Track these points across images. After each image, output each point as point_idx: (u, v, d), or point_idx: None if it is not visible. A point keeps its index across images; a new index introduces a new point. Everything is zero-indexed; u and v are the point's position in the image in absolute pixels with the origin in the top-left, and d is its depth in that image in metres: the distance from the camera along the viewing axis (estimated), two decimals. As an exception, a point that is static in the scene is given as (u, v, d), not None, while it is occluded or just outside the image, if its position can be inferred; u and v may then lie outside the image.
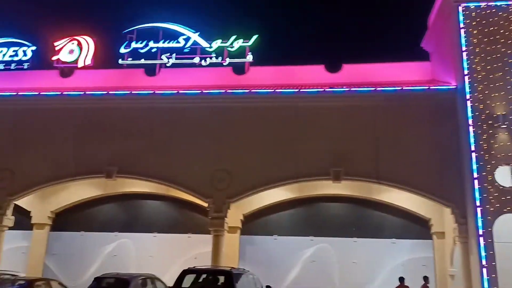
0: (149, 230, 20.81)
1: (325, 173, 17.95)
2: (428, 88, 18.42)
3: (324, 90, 18.81)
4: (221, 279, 13.62)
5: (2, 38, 23.13)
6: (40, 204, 20.77)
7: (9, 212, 19.15)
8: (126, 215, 21.41)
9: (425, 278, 16.87)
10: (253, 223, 20.40)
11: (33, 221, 20.89)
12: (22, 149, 19.57)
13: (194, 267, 14.48)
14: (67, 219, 21.31)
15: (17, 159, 19.42)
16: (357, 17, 35.68)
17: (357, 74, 20.22)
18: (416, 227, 19.58)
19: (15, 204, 19.42)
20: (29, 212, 20.79)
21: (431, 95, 18.26)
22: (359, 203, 20.07)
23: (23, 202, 19.97)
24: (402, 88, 18.46)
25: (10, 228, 19.33)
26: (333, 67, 20.75)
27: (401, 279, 16.57)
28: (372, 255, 19.33)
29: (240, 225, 20.12)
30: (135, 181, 19.79)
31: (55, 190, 20.28)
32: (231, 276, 13.33)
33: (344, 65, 20.70)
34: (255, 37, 21.83)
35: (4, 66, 22.59)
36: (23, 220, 20.33)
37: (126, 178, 19.57)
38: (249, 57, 21.58)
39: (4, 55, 22.76)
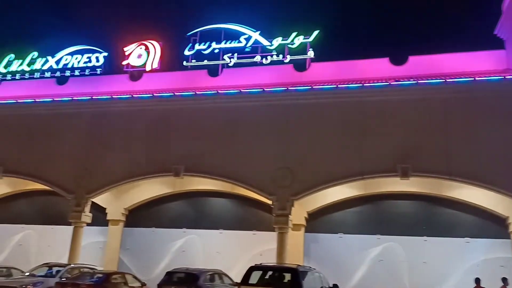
0: (215, 227, 21.31)
1: (392, 170, 17.42)
2: (503, 78, 17.26)
3: (390, 84, 18.25)
4: (287, 276, 13.64)
5: (77, 46, 24.77)
6: (115, 202, 21.94)
7: (87, 209, 20.47)
8: (193, 212, 22.08)
9: (504, 280, 15.84)
10: (318, 221, 20.24)
11: (108, 217, 22.13)
12: (97, 150, 20.84)
13: (260, 264, 14.64)
14: (139, 216, 22.38)
15: (93, 159, 20.72)
16: (421, 6, 34.19)
17: (423, 66, 19.47)
18: (492, 225, 18.42)
19: (92, 201, 20.73)
20: (105, 209, 22.05)
21: (507, 85, 17.11)
22: (428, 200, 19.26)
23: (99, 199, 21.24)
24: (474, 79, 17.44)
25: (88, 224, 20.69)
26: (398, 60, 20.12)
27: (477, 280, 15.68)
28: (444, 255, 18.46)
29: (304, 222, 20.05)
30: (201, 179, 20.34)
31: (128, 188, 21.33)
32: (297, 274, 13.32)
33: (410, 57, 19.97)
34: (316, 32, 21.65)
35: (79, 72, 24.17)
36: (99, 217, 21.62)
37: (192, 176, 20.17)
38: (310, 53, 21.44)
39: (79, 62, 24.37)
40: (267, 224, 19.24)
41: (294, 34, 21.77)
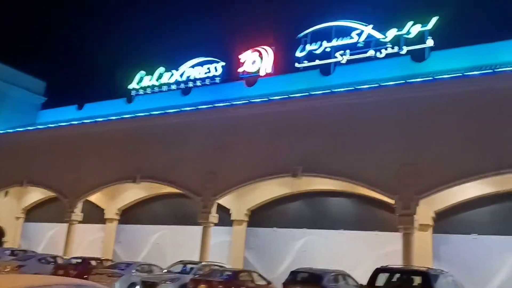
0: (336, 227, 21.07)
1: (533, 163, 15.48)
2: None
3: (528, 66, 16.28)
4: (417, 279, 12.95)
5: (198, 58, 26.61)
6: (238, 202, 22.98)
7: (214, 210, 21.78)
8: (313, 212, 22.13)
9: None
10: (447, 221, 18.84)
11: (232, 217, 23.25)
12: (221, 153, 22.06)
13: (387, 265, 14.10)
14: (261, 216, 23.12)
15: (218, 163, 21.99)
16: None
17: None
18: None
19: (217, 203, 21.99)
20: (229, 209, 23.23)
21: None
22: None
23: (224, 201, 22.45)
24: None
25: (215, 225, 21.98)
26: (535, 39, 17.82)
27: None
28: None
29: (431, 222, 18.82)
30: (320, 179, 20.32)
31: (249, 189, 22.16)
32: (429, 277, 12.56)
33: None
34: (434, 19, 20.24)
35: (201, 82, 25.92)
36: (225, 217, 22.82)
37: (311, 177, 20.24)
38: (429, 42, 20.10)
39: (199, 73, 26.14)
40: (391, 224, 18.42)
41: (410, 23, 20.64)
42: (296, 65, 23.18)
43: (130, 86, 27.89)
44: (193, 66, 26.48)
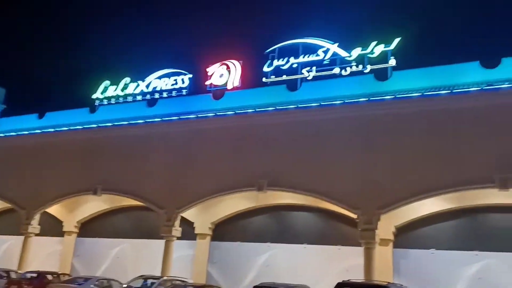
0: (299, 241, 21.17)
1: (489, 180, 16.16)
2: None
3: (482, 88, 17.07)
4: (377, 293, 13.15)
5: (165, 70, 26.36)
6: (202, 216, 22.75)
7: (177, 223, 21.47)
8: (277, 226, 22.17)
9: None
10: (407, 236, 19.29)
11: (196, 231, 22.98)
12: (186, 166, 21.85)
13: (348, 280, 14.27)
14: (225, 230, 22.96)
15: (184, 175, 21.70)
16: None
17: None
18: None
19: (181, 216, 21.69)
20: (193, 223, 22.94)
21: None
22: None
23: (188, 214, 22.17)
24: None
25: (178, 238, 21.65)
26: (489, 62, 18.72)
27: None
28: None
29: (392, 237, 19.22)
30: (284, 193, 20.43)
31: (214, 202, 22.01)
32: (388, 291, 12.78)
33: (503, 58, 18.52)
34: (397, 40, 20.95)
35: (167, 94, 25.68)
36: (188, 231, 22.53)
37: (276, 191, 20.32)
38: (392, 62, 20.76)
39: (166, 84, 25.91)
40: (353, 239, 18.72)
41: (373, 43, 21.25)
42: (264, 79, 23.37)
43: (94, 96, 27.29)
44: (159, 77, 26.23)
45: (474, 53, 20.02)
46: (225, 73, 24.49)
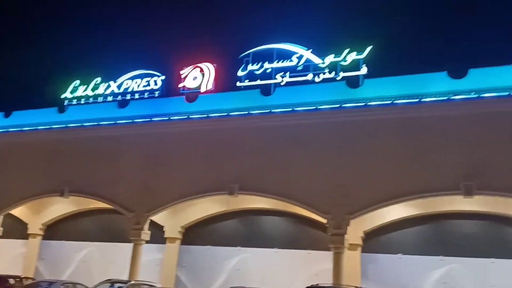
0: (270, 246, 21.21)
1: (455, 188, 16.66)
2: None
3: (449, 98, 17.60)
4: (345, 298, 13.31)
5: (137, 71, 25.99)
6: (172, 219, 22.50)
7: (146, 227, 21.15)
8: (248, 231, 22.15)
9: None
10: (375, 241, 19.64)
11: (166, 235, 22.70)
12: (156, 169, 21.57)
13: (317, 284, 14.39)
14: (195, 234, 22.76)
15: (154, 178, 21.39)
16: (480, 15, 32.73)
17: (485, 78, 18.54)
18: None
19: (150, 220, 21.38)
20: (162, 226, 22.65)
21: None
22: (496, 220, 18.17)
23: (158, 218, 21.89)
24: (542, 91, 16.43)
25: (147, 242, 21.31)
26: (457, 73, 19.31)
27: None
28: (514, 279, 17.23)
29: (361, 242, 19.51)
30: (255, 198, 20.45)
31: (184, 206, 21.81)
32: (356, 295, 12.95)
33: (470, 69, 19.15)
34: (368, 48, 21.35)
35: (139, 95, 25.30)
36: (157, 235, 22.23)
37: (247, 195, 20.31)
38: (363, 70, 21.14)
39: (138, 85, 25.54)
40: (322, 243, 18.92)
41: (346, 51, 21.59)
42: (238, 83, 23.36)
43: (63, 95, 26.63)
44: (132, 78, 25.82)
45: (442, 64, 20.55)
46: (198, 76, 24.35)
